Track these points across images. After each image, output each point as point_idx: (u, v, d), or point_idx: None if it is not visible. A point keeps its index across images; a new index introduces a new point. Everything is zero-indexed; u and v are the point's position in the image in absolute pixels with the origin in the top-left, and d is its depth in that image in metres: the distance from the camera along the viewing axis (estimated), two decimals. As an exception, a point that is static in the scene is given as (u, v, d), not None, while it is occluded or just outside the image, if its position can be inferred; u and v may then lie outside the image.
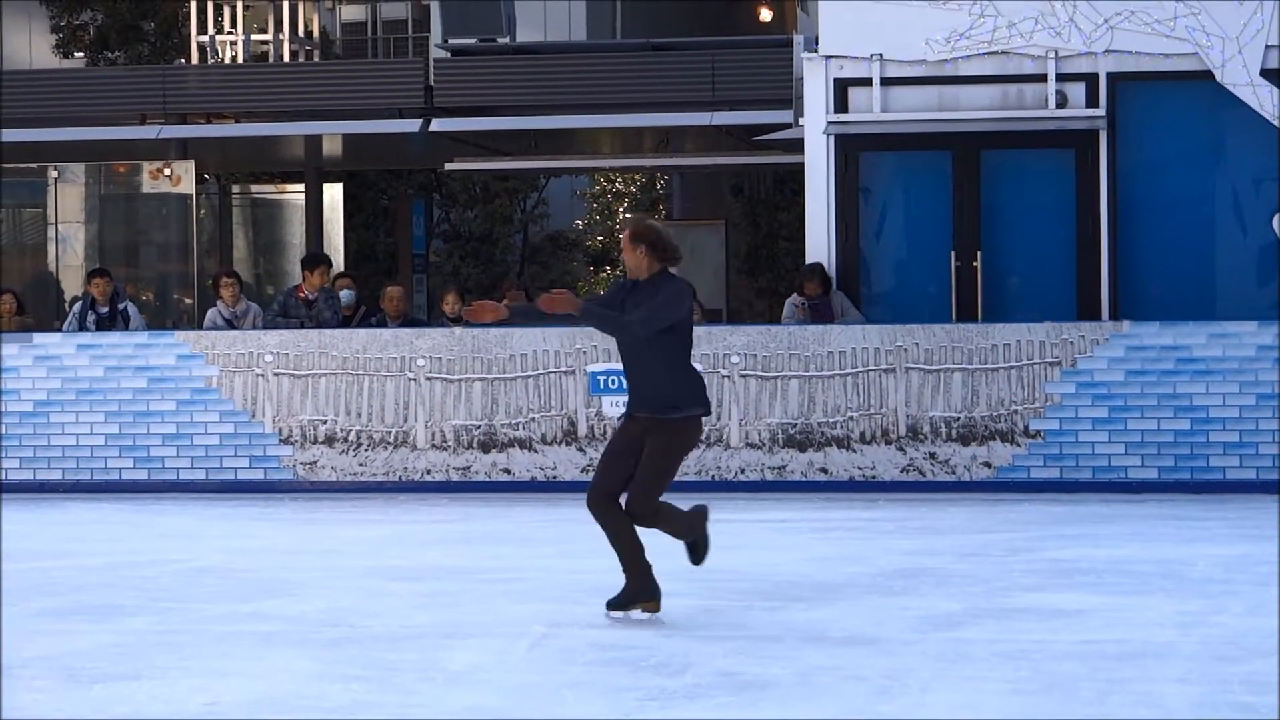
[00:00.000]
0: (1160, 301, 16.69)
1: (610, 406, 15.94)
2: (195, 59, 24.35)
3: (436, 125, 21.33)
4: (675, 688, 8.18)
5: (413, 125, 21.43)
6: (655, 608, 9.76)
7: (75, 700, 8.05)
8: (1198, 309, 16.54)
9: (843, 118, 17.09)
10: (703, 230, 26.29)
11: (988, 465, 15.73)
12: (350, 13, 33.62)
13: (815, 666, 8.53)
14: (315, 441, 16.45)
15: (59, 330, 18.41)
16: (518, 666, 8.70)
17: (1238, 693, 7.88)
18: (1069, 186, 17.01)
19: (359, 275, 24.23)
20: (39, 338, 17.10)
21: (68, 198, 23.34)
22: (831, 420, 15.89)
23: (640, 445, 9.76)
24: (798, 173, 19.72)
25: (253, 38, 24.71)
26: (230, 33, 24.83)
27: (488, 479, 16.23)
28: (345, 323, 17.38)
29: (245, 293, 18.48)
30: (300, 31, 24.82)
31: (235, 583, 11.41)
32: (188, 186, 22.92)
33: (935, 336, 15.82)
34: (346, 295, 17.88)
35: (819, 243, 17.15)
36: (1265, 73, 16.63)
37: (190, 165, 22.91)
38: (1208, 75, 16.70)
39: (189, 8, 24.83)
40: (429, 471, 16.34)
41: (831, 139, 17.10)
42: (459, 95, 21.33)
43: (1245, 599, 10.25)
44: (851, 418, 15.86)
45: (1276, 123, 16.58)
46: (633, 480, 9.74)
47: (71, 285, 23.00)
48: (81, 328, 17.71)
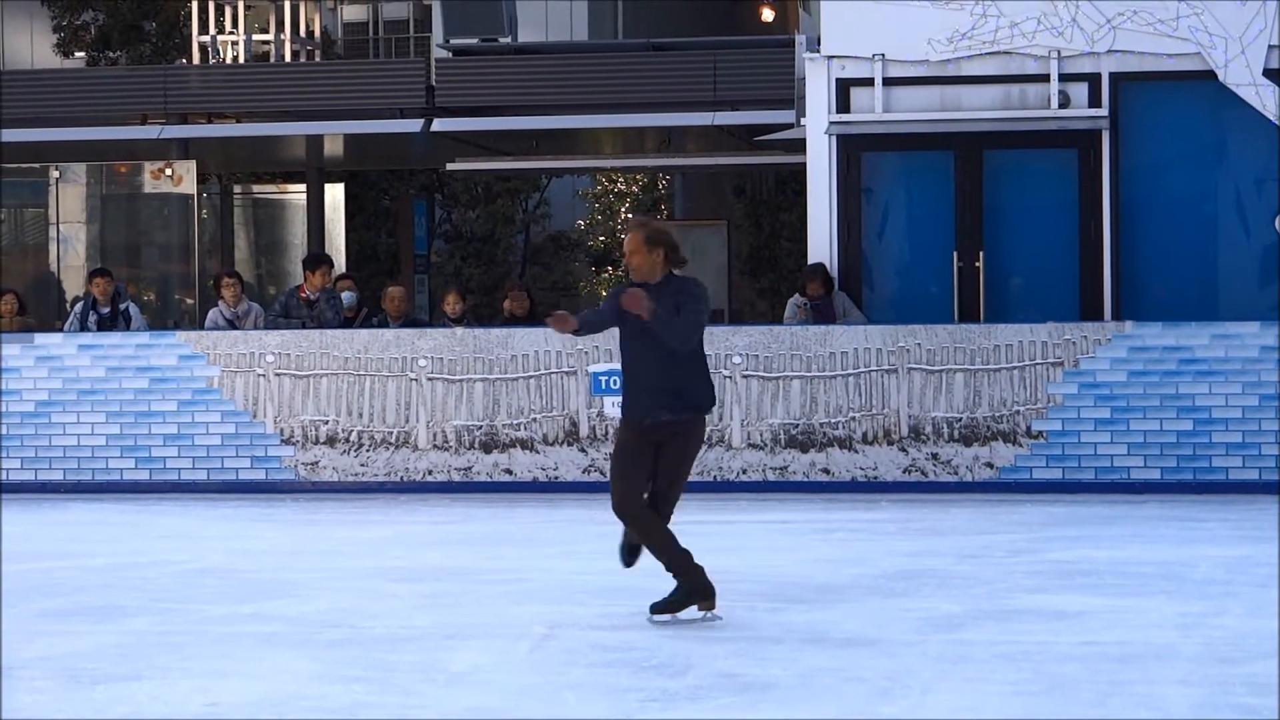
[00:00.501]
0: (1163, 302, 16.68)
1: (611, 407, 15.93)
2: (197, 59, 24.33)
3: (438, 125, 21.31)
4: (676, 689, 8.17)
5: (414, 125, 21.41)
6: (712, 605, 9.67)
7: (76, 701, 8.04)
8: (1200, 309, 16.52)
9: (845, 118, 17.08)
10: (705, 231, 26.27)
11: (990, 466, 15.72)
12: (352, 13, 33.58)
13: (816, 668, 8.52)
14: (317, 442, 16.45)
15: (60, 330, 18.40)
16: (519, 667, 8.70)
17: (1239, 694, 7.87)
18: (1071, 187, 16.99)
19: (360, 275, 24.21)
20: (40, 338, 17.10)
21: (69, 198, 23.32)
22: (833, 421, 15.88)
23: (654, 448, 9.72)
24: (800, 173, 19.72)
25: (254, 38, 24.68)
26: (232, 33, 24.81)
27: (489, 479, 16.22)
28: (347, 324, 17.37)
29: (247, 293, 18.47)
30: (302, 31, 24.80)
31: (236, 583, 11.40)
32: (189, 186, 22.89)
33: (937, 337, 15.81)
34: (348, 297, 17.86)
35: (821, 243, 17.14)
36: (1268, 73, 16.62)
37: (192, 165, 22.88)
38: (1210, 75, 16.69)
39: (190, 8, 24.80)
40: (430, 472, 16.33)
41: (833, 139, 17.08)
42: (460, 95, 21.30)
43: (1247, 600, 10.25)
44: (853, 418, 15.85)
45: (1279, 123, 16.57)
46: (663, 483, 9.72)
47: (73, 285, 22.98)
48: (83, 328, 17.71)
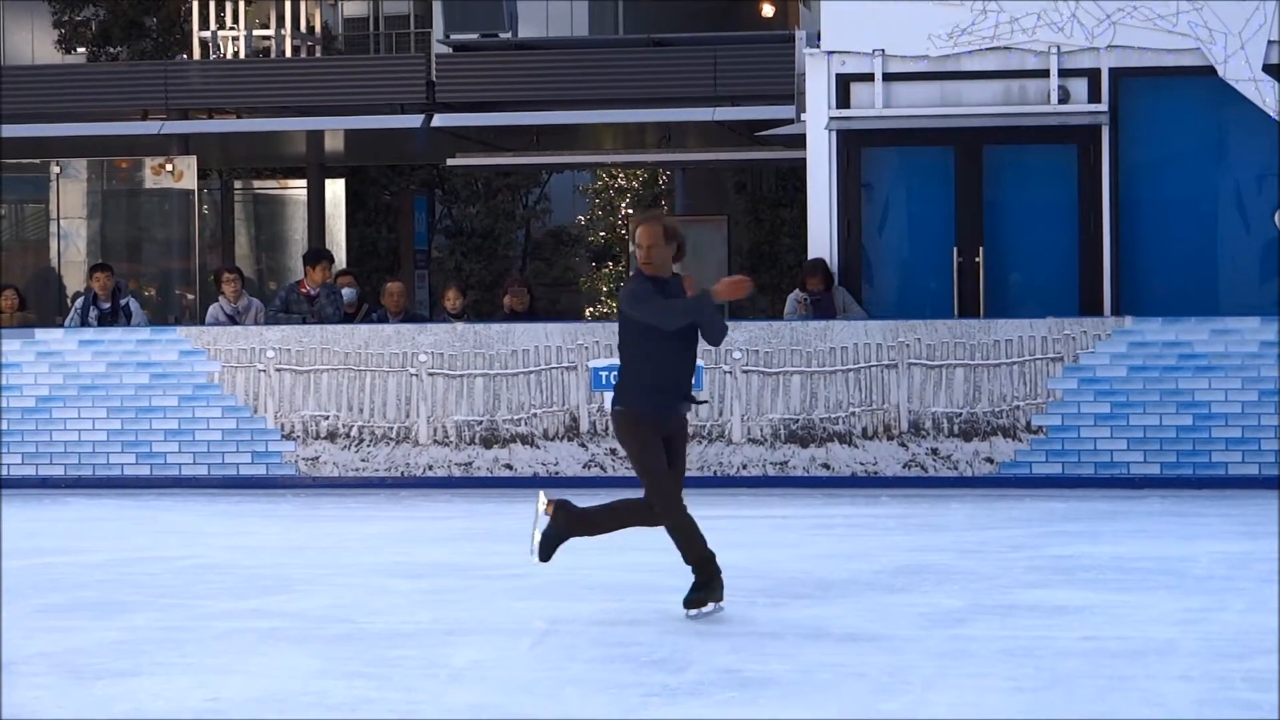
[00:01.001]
0: (1162, 297, 16.69)
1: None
2: (197, 54, 24.31)
3: (438, 121, 21.30)
4: (677, 684, 8.18)
5: (415, 121, 21.40)
6: (720, 597, 9.83)
7: (77, 697, 8.05)
8: (1200, 304, 16.52)
9: (845, 113, 17.09)
10: (705, 226, 26.25)
11: (990, 461, 15.73)
12: (352, 8, 33.60)
13: (817, 663, 8.52)
14: (317, 437, 16.45)
15: (61, 326, 18.40)
16: (520, 663, 8.70)
17: (1239, 690, 7.87)
18: (1071, 182, 16.99)
19: (361, 271, 24.21)
20: (41, 333, 17.11)
21: (70, 193, 23.31)
22: (833, 416, 15.88)
23: (664, 442, 9.80)
24: (800, 169, 19.71)
25: (255, 33, 24.67)
26: (232, 28, 24.79)
27: (490, 475, 16.23)
28: (347, 320, 17.38)
29: (247, 288, 18.48)
30: (302, 27, 24.80)
31: (237, 579, 11.41)
32: (190, 182, 22.88)
33: (937, 332, 15.82)
34: (349, 293, 17.88)
35: (821, 238, 17.14)
36: (1268, 68, 16.62)
37: (192, 161, 22.88)
38: (1210, 71, 16.68)
39: (191, 3, 24.80)
40: (431, 467, 16.34)
41: (833, 134, 17.09)
42: (461, 91, 21.30)
43: (1247, 596, 10.25)
44: (853, 413, 15.86)
45: (1279, 118, 16.57)
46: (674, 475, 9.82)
47: (73, 281, 22.98)
48: (83, 323, 17.71)
